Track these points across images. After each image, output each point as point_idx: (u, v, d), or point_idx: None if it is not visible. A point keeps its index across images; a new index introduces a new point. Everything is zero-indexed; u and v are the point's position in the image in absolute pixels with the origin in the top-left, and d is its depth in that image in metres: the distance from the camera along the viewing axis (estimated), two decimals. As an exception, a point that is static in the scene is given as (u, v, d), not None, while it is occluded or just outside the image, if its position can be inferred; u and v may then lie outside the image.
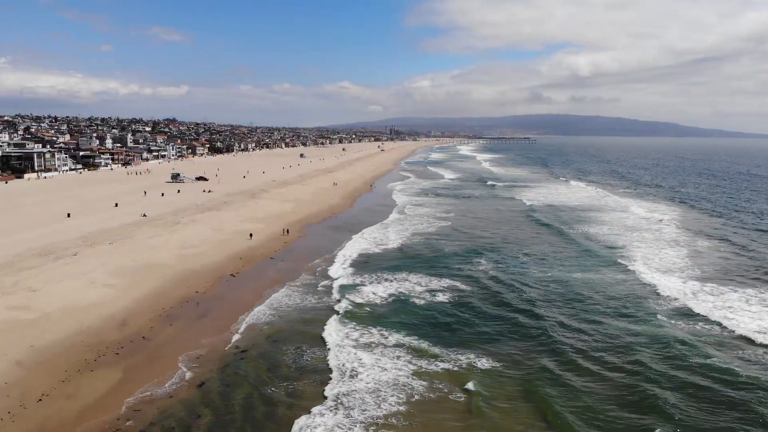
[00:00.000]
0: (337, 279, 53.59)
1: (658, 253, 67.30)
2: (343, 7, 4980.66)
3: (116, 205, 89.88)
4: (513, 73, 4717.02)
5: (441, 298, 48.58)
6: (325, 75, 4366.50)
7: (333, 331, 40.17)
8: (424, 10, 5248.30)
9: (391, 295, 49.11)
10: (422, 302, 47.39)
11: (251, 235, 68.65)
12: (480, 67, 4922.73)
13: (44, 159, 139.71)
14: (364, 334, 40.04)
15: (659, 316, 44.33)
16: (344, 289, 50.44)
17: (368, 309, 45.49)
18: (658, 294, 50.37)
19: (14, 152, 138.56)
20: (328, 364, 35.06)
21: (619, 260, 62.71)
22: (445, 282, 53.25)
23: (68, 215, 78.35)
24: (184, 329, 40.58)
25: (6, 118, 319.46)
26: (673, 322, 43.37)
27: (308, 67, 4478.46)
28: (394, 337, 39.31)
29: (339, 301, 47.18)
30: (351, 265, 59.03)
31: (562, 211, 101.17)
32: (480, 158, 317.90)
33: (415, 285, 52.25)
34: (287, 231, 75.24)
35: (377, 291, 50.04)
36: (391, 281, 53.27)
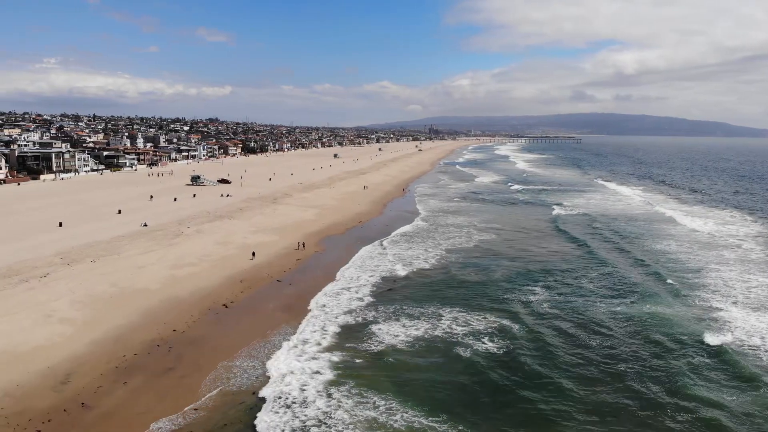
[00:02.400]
0: (348, 314, 43.23)
1: (743, 279, 55.03)
2: (382, 8, 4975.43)
3: (119, 212, 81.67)
4: (555, 71, 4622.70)
5: (485, 347, 37.63)
6: (365, 75, 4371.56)
7: (323, 403, 29.70)
8: (462, 9, 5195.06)
9: (416, 340, 38.47)
10: (459, 354, 36.44)
11: (254, 254, 58.74)
12: (521, 65, 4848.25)
13: (63, 159, 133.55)
14: (365, 404, 29.51)
15: (750, 386, 32.62)
16: (353, 330, 40.05)
17: (383, 363, 34.98)
18: (748, 348, 38.24)
19: (30, 152, 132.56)
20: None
21: (695, 290, 50.92)
22: (490, 321, 42.29)
23: (60, 224, 70.22)
24: (138, 391, 30.85)
25: (45, 117, 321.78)
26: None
27: (349, 67, 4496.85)
28: (411, 415, 28.64)
29: (343, 349, 36.83)
30: (370, 293, 48.61)
31: (619, 221, 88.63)
32: (521, 159, 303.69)
33: (450, 324, 41.58)
34: (303, 245, 65.45)
35: (396, 333, 39.49)
36: (417, 318, 42.65)
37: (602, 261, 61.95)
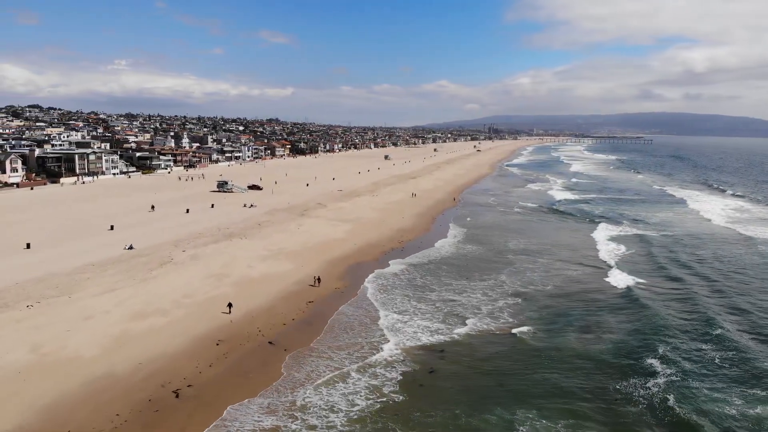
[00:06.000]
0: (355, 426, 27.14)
1: None
2: (442, 6, 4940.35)
3: (111, 228, 68.37)
4: (620, 69, 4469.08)
5: None
6: (423, 75, 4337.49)
7: None
8: (523, 5, 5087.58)
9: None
10: None
11: (230, 306, 41.85)
12: (585, 63, 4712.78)
13: (87, 161, 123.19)
14: None
15: None
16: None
17: None
18: None
19: (51, 153, 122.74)
20: None
21: None
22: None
23: (27, 246, 57.25)
24: None
25: (101, 115, 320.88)
26: None
27: (407, 67, 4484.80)
28: None
29: None
30: (399, 380, 32.20)
31: (727, 249, 69.14)
32: (593, 161, 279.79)
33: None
34: (318, 280, 49.92)
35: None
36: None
37: (721, 321, 43.61)
